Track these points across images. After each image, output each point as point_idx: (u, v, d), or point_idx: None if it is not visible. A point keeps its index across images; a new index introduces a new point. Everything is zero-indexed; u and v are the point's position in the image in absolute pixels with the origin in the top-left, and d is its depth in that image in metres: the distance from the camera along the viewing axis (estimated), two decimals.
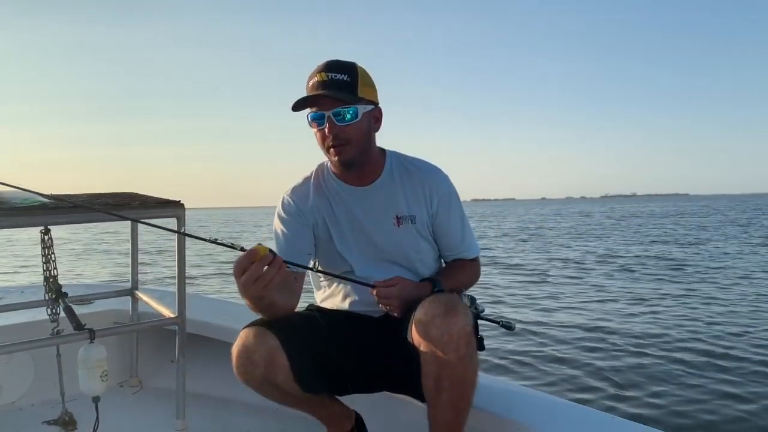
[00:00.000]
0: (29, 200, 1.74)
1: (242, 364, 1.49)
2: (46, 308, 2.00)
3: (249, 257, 1.27)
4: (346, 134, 1.53)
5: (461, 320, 1.36)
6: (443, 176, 1.70)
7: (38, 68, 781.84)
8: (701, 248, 15.30)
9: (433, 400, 1.42)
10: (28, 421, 2.14)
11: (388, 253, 1.66)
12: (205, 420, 2.14)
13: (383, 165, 1.67)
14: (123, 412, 2.24)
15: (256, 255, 1.26)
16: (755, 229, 22.21)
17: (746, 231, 21.50)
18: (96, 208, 1.80)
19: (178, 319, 2.00)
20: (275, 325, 1.51)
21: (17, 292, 2.84)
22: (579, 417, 1.57)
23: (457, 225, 1.71)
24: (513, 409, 1.60)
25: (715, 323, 6.13)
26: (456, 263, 1.76)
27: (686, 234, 21.07)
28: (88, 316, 2.14)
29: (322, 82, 1.51)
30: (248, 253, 1.27)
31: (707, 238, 18.59)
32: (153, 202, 1.99)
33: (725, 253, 13.89)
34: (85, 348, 1.74)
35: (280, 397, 1.58)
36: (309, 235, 1.66)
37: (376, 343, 1.61)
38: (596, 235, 22.04)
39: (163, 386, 2.41)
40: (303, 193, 1.69)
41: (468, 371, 1.39)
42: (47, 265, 1.98)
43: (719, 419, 3.55)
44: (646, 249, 15.58)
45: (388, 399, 1.77)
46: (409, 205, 1.65)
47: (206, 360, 2.37)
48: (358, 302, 1.67)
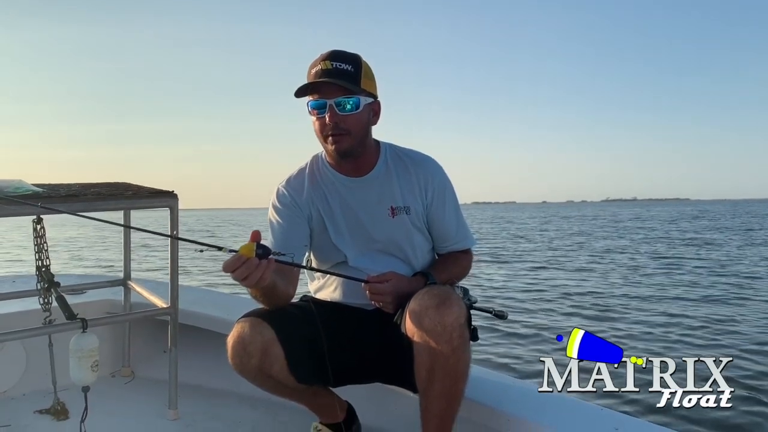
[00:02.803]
0: (21, 189, 1.73)
1: (237, 354, 1.49)
2: (38, 298, 2.00)
3: (235, 262, 1.25)
4: (346, 124, 1.52)
5: (455, 311, 1.37)
6: (437, 167, 1.70)
7: (39, 68, 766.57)
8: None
9: (426, 391, 1.43)
10: (19, 410, 2.13)
11: (382, 244, 1.66)
12: (197, 410, 2.14)
13: (378, 156, 1.67)
14: (115, 402, 2.24)
15: (240, 259, 1.25)
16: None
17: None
18: (88, 198, 1.79)
19: (170, 309, 2.00)
20: (270, 317, 1.51)
21: (9, 281, 2.83)
22: (570, 409, 1.58)
23: (452, 216, 1.71)
24: (505, 401, 1.61)
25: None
26: (449, 256, 1.76)
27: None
28: (81, 306, 2.13)
29: (326, 70, 1.50)
30: (233, 259, 1.25)
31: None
32: (146, 192, 1.98)
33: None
34: (77, 337, 1.73)
35: (274, 387, 1.58)
36: (304, 226, 1.66)
37: (369, 335, 1.61)
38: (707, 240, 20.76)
39: (155, 376, 2.41)
40: (298, 183, 1.69)
41: (460, 362, 1.40)
42: (39, 255, 1.97)
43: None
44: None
45: (381, 390, 1.77)
46: (404, 196, 1.65)
47: (198, 350, 2.37)
48: (352, 294, 1.67)
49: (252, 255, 1.26)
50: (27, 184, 1.80)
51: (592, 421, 1.52)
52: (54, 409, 2.06)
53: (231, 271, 1.26)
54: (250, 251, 1.26)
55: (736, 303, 7.73)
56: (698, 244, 18.56)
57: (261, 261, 1.27)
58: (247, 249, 1.26)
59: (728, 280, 10.02)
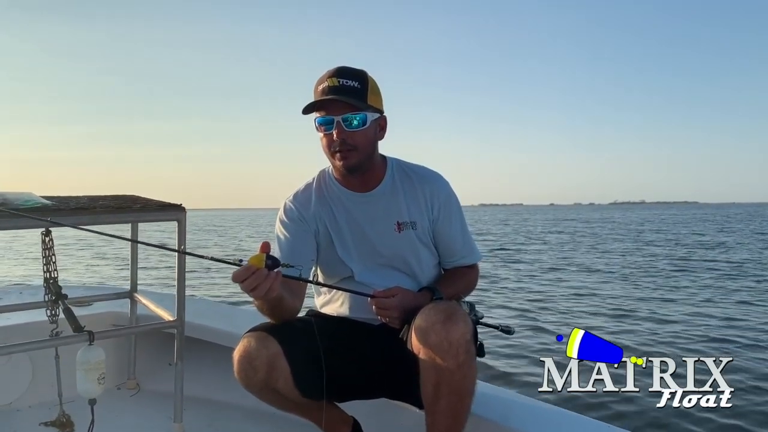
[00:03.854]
0: (31, 202, 1.75)
1: (243, 369, 1.49)
2: (45, 309, 2.00)
3: (245, 272, 1.27)
4: (353, 140, 1.54)
5: (461, 327, 1.37)
6: (444, 182, 1.71)
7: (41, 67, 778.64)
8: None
9: (431, 407, 1.43)
10: (25, 422, 2.13)
11: (388, 259, 1.67)
12: (202, 423, 2.14)
13: (385, 171, 1.68)
14: (120, 414, 2.24)
15: (251, 270, 1.27)
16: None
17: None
18: (97, 210, 1.80)
19: (176, 322, 2.00)
20: (276, 331, 1.52)
21: (16, 292, 2.84)
22: (576, 425, 1.57)
23: (457, 231, 1.72)
24: (511, 417, 1.60)
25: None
26: (455, 271, 1.76)
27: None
28: (87, 318, 2.14)
29: (333, 87, 1.52)
30: (243, 269, 1.27)
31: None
32: (154, 206, 1.99)
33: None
34: (84, 350, 1.74)
35: (280, 402, 1.58)
36: (311, 240, 1.67)
37: (375, 350, 1.61)
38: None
39: (160, 389, 2.41)
40: (305, 198, 1.70)
41: (467, 378, 1.40)
42: (47, 267, 1.97)
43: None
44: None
45: (386, 405, 1.77)
46: (410, 211, 1.66)
47: (204, 364, 2.37)
48: (358, 309, 1.67)
49: (262, 265, 1.27)
50: (36, 197, 1.81)
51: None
52: (59, 422, 2.06)
53: (240, 281, 1.27)
54: (260, 262, 1.27)
55: (739, 303, 7.72)
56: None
57: (270, 272, 1.27)
58: (256, 260, 1.27)
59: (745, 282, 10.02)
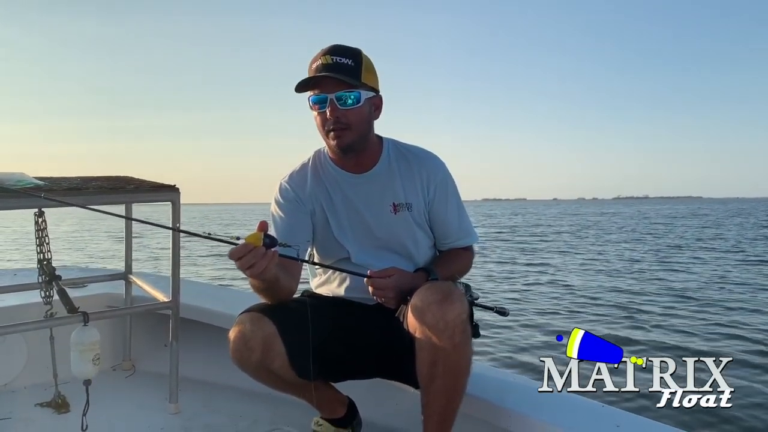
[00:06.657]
0: (23, 182, 1.73)
1: (239, 349, 1.49)
2: (39, 291, 1.99)
3: (242, 250, 1.26)
4: (347, 118, 1.52)
5: (457, 307, 1.37)
6: (440, 163, 1.70)
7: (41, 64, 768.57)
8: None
9: (427, 387, 1.43)
10: (20, 403, 2.13)
11: (384, 241, 1.66)
12: (198, 404, 2.14)
13: (380, 152, 1.67)
14: (116, 395, 2.24)
15: (248, 247, 1.26)
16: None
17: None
18: (90, 191, 1.79)
19: (171, 303, 2.00)
20: (272, 311, 1.51)
21: (10, 274, 2.83)
22: (572, 405, 1.58)
23: (454, 212, 1.71)
24: (506, 398, 1.61)
25: None
26: (450, 252, 1.76)
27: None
28: (82, 300, 2.13)
29: (327, 65, 1.50)
30: (240, 247, 1.27)
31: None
32: (148, 186, 1.98)
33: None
34: (79, 331, 1.73)
35: (275, 382, 1.59)
36: (307, 221, 1.66)
37: (370, 330, 1.61)
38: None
39: (156, 370, 2.41)
40: (301, 179, 1.69)
41: (462, 358, 1.40)
42: (41, 248, 1.97)
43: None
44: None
45: (382, 385, 1.77)
46: (406, 192, 1.65)
47: (199, 344, 2.37)
48: (353, 289, 1.67)
49: (259, 244, 1.26)
50: (29, 177, 1.80)
51: (594, 418, 1.52)
52: (55, 402, 2.06)
53: (237, 259, 1.26)
54: (258, 240, 1.26)
55: (739, 303, 7.76)
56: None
57: (267, 251, 1.27)
58: (254, 238, 1.27)
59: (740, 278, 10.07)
